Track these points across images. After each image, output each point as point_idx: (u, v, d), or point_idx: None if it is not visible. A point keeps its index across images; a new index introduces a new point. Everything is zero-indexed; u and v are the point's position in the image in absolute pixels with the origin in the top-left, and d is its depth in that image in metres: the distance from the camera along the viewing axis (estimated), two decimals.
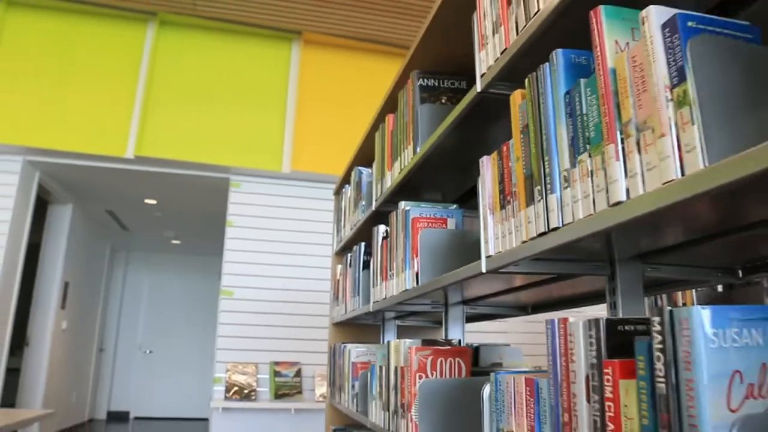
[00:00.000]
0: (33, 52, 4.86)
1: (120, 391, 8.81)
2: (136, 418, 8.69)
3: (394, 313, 2.54)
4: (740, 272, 1.28)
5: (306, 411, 4.85)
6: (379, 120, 2.21)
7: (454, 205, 1.68)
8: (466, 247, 1.54)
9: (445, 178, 1.75)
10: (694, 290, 3.34)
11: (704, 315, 0.57)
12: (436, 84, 1.70)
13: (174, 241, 8.44)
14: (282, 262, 5.09)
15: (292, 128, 5.17)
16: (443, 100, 1.68)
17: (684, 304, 3.39)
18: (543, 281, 1.50)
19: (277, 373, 4.92)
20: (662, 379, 0.60)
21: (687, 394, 0.57)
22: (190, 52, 5.15)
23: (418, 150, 1.64)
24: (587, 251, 1.09)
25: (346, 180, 3.00)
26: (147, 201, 6.16)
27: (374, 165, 2.23)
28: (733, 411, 0.56)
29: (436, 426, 1.40)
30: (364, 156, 2.62)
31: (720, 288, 3.55)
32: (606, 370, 0.70)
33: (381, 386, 1.82)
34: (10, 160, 4.84)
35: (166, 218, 6.95)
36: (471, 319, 2.40)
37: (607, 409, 0.69)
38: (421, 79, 1.72)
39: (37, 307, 5.87)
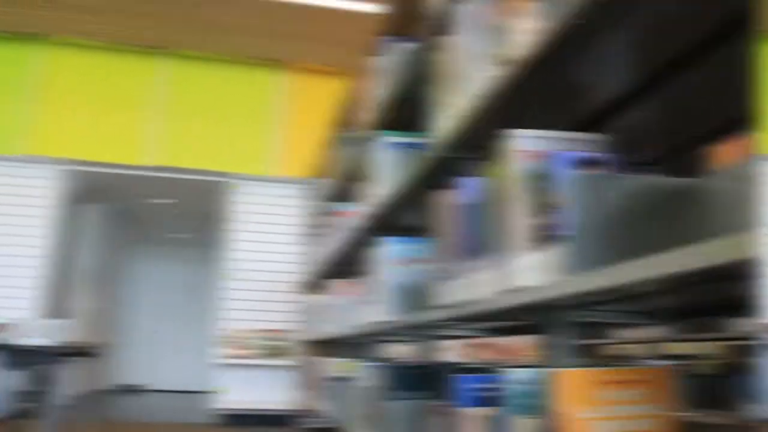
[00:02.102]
0: (72, 83, 6.05)
1: (130, 367, 9.89)
2: (144, 390, 9.75)
3: None
4: None
5: (293, 368, 6.05)
6: None
7: None
8: None
9: None
10: None
11: (392, 242, 1.83)
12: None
13: (179, 235, 9.63)
14: (273, 249, 6.27)
15: (281, 140, 6.39)
16: None
17: None
18: None
19: (269, 338, 6.12)
20: None
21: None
22: (196, 80, 6.33)
23: None
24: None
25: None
26: (158, 201, 7.37)
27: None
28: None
29: None
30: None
31: None
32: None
33: None
34: (55, 168, 6.04)
35: (174, 215, 8.15)
36: None
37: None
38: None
39: (69, 289, 7.07)
